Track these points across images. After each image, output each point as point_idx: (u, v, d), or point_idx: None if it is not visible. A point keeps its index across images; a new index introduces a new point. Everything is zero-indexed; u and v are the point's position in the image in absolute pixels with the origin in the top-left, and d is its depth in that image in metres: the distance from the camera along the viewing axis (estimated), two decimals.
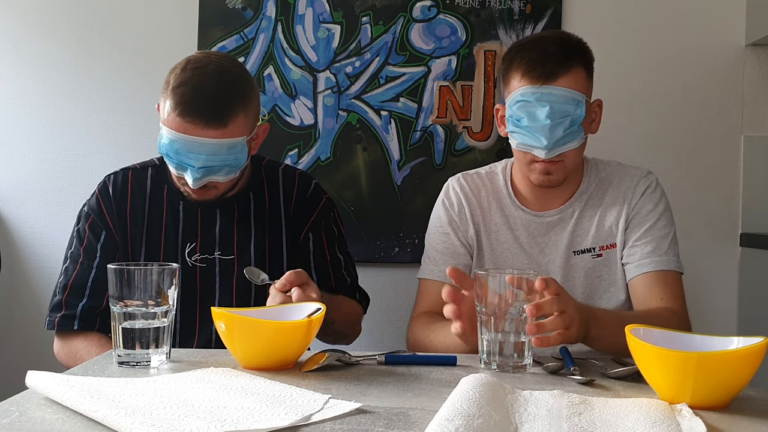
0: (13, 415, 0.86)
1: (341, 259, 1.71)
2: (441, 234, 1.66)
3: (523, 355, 1.18)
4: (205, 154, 1.45)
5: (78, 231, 1.62)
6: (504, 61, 1.60)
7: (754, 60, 2.34)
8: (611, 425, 0.85)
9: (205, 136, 1.45)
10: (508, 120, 1.55)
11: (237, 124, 1.48)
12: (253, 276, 1.43)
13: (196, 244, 1.60)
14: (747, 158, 2.34)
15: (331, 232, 1.71)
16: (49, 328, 1.58)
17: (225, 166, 1.49)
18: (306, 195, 1.69)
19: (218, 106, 1.46)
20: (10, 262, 2.31)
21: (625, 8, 2.34)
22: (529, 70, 1.50)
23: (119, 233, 1.60)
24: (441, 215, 1.67)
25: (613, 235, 1.60)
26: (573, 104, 1.49)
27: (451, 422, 0.76)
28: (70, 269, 1.60)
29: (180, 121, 1.45)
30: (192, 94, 1.45)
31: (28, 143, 2.33)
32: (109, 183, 1.63)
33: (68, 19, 2.33)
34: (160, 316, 1.12)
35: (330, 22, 2.31)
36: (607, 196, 1.62)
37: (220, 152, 1.46)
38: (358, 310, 1.72)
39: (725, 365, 0.94)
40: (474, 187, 1.68)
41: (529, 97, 1.49)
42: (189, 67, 1.49)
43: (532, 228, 1.62)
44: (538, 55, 1.51)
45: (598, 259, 1.59)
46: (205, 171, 1.47)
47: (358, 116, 2.32)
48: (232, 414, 0.84)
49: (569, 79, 1.50)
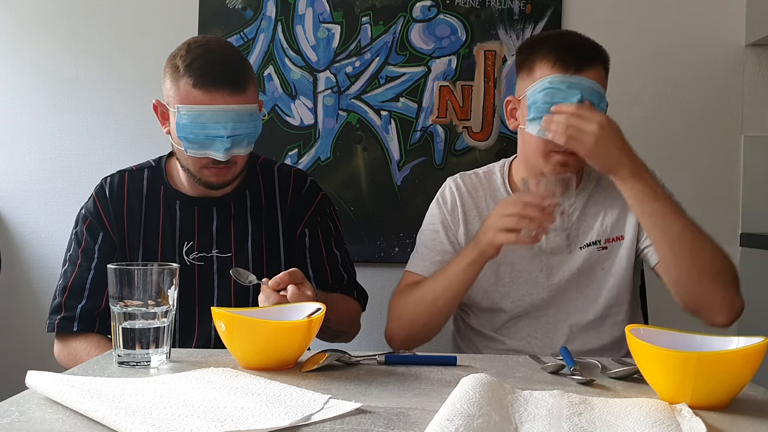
0: (13, 415, 0.86)
1: (338, 256, 1.71)
2: (431, 231, 1.68)
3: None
4: (232, 122, 1.48)
5: (76, 234, 1.63)
6: (522, 53, 1.62)
7: (754, 60, 2.34)
8: (611, 425, 0.85)
9: (231, 103, 1.49)
10: (530, 108, 1.54)
11: (252, 90, 1.54)
12: (240, 277, 1.42)
13: (194, 243, 1.61)
14: (747, 158, 2.34)
15: (327, 228, 1.71)
16: (49, 331, 1.58)
17: (246, 136, 1.52)
18: (302, 192, 1.70)
19: (236, 74, 1.51)
20: (10, 262, 2.31)
21: (625, 8, 2.34)
22: (561, 59, 1.53)
23: (116, 234, 1.60)
24: (434, 212, 1.70)
25: (620, 228, 1.63)
26: (598, 97, 1.52)
27: (451, 422, 0.76)
28: (69, 272, 1.60)
29: (202, 94, 1.48)
30: (210, 66, 1.49)
31: (28, 143, 2.33)
32: (105, 185, 1.64)
33: (68, 19, 2.33)
34: (160, 316, 1.12)
35: (330, 22, 2.31)
36: (610, 190, 1.64)
37: (243, 119, 1.50)
38: (356, 307, 1.72)
39: (725, 365, 0.94)
40: (471, 186, 1.69)
41: (559, 85, 1.51)
42: (193, 47, 1.53)
43: None
44: (568, 46, 1.55)
45: (603, 251, 1.62)
46: (233, 141, 1.50)
47: (358, 116, 2.32)
48: (232, 414, 0.84)
49: (595, 73, 1.54)
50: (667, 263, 1.50)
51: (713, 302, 1.48)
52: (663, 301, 2.28)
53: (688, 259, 1.46)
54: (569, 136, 1.45)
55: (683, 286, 1.49)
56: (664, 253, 1.49)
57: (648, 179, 1.48)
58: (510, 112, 1.65)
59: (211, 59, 1.50)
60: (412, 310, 1.57)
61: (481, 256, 1.49)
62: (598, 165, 1.49)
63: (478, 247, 1.49)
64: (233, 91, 1.49)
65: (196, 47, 1.52)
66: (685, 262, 1.47)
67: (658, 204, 1.47)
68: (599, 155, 1.46)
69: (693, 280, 1.47)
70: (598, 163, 1.48)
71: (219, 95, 1.48)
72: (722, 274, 1.48)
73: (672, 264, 1.49)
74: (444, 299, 1.54)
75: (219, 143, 1.49)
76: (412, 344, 1.61)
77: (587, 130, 1.44)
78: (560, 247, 1.49)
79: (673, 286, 1.52)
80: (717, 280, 1.47)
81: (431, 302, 1.55)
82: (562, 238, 1.47)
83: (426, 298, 1.55)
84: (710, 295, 1.48)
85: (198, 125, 1.48)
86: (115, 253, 1.59)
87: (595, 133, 1.44)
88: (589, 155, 1.46)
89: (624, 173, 1.47)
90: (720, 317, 1.49)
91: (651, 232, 1.49)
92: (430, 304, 1.55)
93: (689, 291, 1.49)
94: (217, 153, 1.49)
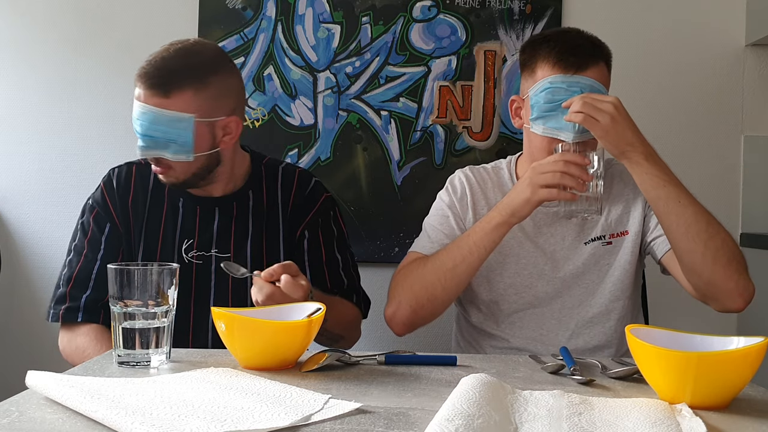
0: (13, 415, 0.86)
1: (338, 259, 1.68)
2: (440, 216, 1.68)
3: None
4: (148, 122, 1.49)
5: (82, 223, 1.63)
6: (524, 52, 1.63)
7: (754, 60, 2.34)
8: (611, 425, 0.85)
9: (149, 104, 1.49)
10: (532, 108, 1.56)
11: (183, 99, 1.50)
12: (231, 270, 1.40)
13: (194, 241, 1.60)
14: (747, 158, 2.34)
15: (329, 231, 1.69)
16: (53, 321, 1.57)
17: (170, 142, 1.50)
18: (305, 193, 1.68)
19: (163, 76, 1.50)
20: (10, 262, 2.31)
21: (625, 8, 2.34)
22: (561, 59, 1.54)
23: (122, 226, 1.60)
24: (443, 198, 1.71)
25: (623, 224, 1.64)
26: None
27: (451, 422, 0.76)
28: (74, 261, 1.59)
29: (137, 89, 1.52)
30: (148, 62, 1.52)
31: (28, 143, 2.33)
32: (113, 176, 1.64)
33: (68, 19, 2.33)
34: (160, 316, 1.12)
35: (330, 22, 2.31)
36: (613, 187, 1.67)
37: (160, 122, 1.49)
38: (355, 312, 1.68)
39: (725, 365, 0.94)
40: (480, 178, 1.71)
41: (560, 85, 1.52)
42: (162, 47, 1.55)
43: (537, 218, 1.65)
44: (568, 46, 1.56)
45: (607, 246, 1.63)
46: (150, 141, 1.50)
47: (358, 116, 2.32)
48: (232, 414, 0.84)
49: (596, 72, 1.54)
50: (682, 249, 1.47)
51: (728, 286, 1.46)
52: (663, 301, 2.29)
53: (703, 243, 1.44)
54: (585, 116, 1.45)
55: (698, 272, 1.47)
56: (679, 238, 1.47)
57: (661, 163, 1.48)
58: (515, 111, 1.67)
59: (158, 56, 1.53)
60: (428, 279, 1.54)
61: (513, 216, 1.49)
62: (612, 146, 1.47)
63: (510, 207, 1.49)
64: (152, 91, 1.49)
65: (162, 48, 1.55)
66: (700, 246, 1.44)
67: (671, 188, 1.46)
68: (614, 135, 1.45)
69: (708, 265, 1.45)
70: (612, 144, 1.46)
71: (143, 93, 1.51)
72: (735, 257, 1.46)
73: (686, 250, 1.47)
74: (466, 264, 1.52)
75: (139, 140, 1.51)
76: (416, 321, 1.58)
77: (603, 109, 1.45)
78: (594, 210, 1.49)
79: (687, 273, 1.50)
80: (731, 263, 1.45)
81: (450, 269, 1.52)
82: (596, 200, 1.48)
83: (444, 264, 1.53)
84: (724, 279, 1.45)
85: (132, 118, 1.52)
86: (121, 246, 1.59)
87: (610, 113, 1.44)
88: (604, 136, 1.45)
89: (637, 156, 1.46)
90: (735, 302, 1.47)
91: (665, 218, 1.47)
92: (448, 271, 1.52)
93: (703, 276, 1.47)
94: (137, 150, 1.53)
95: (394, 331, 1.60)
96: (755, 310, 2.23)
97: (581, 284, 1.63)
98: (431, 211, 1.72)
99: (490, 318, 1.66)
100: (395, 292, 1.59)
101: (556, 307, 1.63)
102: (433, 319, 1.60)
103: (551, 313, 1.63)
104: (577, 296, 1.63)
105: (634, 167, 1.47)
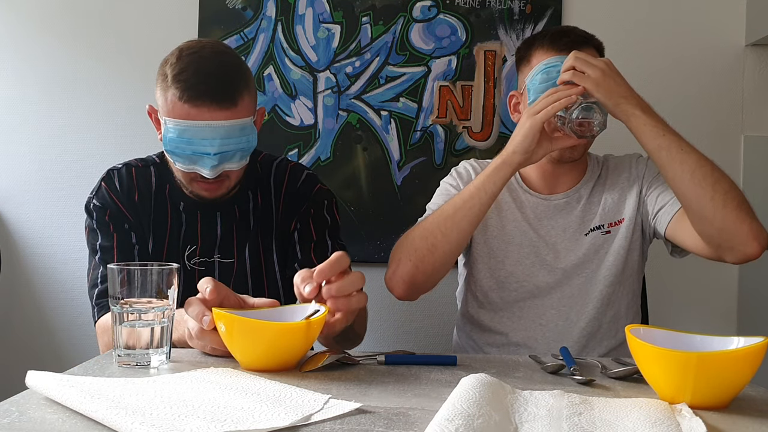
0: (13, 415, 0.85)
1: (329, 245, 1.60)
2: (445, 195, 1.70)
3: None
4: (220, 138, 1.40)
5: (97, 224, 1.56)
6: (520, 50, 1.69)
7: (754, 60, 2.34)
8: (611, 425, 0.85)
9: (218, 119, 1.40)
10: (529, 92, 1.59)
11: (245, 104, 1.45)
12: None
13: (197, 247, 1.58)
14: (747, 158, 2.34)
15: (321, 219, 1.62)
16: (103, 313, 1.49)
17: (238, 151, 1.45)
18: (296, 186, 1.63)
19: (226, 86, 1.42)
20: (10, 262, 2.31)
21: (625, 9, 2.34)
22: (554, 41, 1.59)
23: (134, 220, 1.56)
24: (448, 181, 1.74)
25: (620, 212, 1.66)
26: None
27: (451, 422, 0.76)
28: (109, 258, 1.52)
29: (189, 107, 1.40)
30: (197, 78, 1.40)
31: (28, 143, 2.33)
32: (114, 177, 1.59)
33: (68, 19, 2.33)
34: (160, 316, 1.12)
35: (330, 22, 2.31)
36: (609, 179, 1.70)
37: (233, 134, 1.42)
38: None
39: (725, 365, 0.94)
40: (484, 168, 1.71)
41: (554, 64, 1.55)
42: (184, 54, 1.44)
43: (539, 210, 1.68)
44: (561, 30, 1.64)
45: (606, 235, 1.66)
46: (221, 157, 1.43)
47: (358, 116, 2.32)
48: (232, 414, 0.84)
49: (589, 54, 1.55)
50: (690, 198, 1.44)
51: (741, 230, 1.42)
52: (663, 301, 2.29)
53: (710, 186, 1.42)
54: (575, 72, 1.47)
55: (710, 219, 1.43)
56: (686, 185, 1.43)
57: (655, 113, 1.48)
58: (513, 106, 1.70)
59: (200, 70, 1.41)
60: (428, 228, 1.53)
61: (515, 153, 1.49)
62: (605, 98, 1.46)
63: (511, 144, 1.50)
64: (222, 106, 1.40)
65: (188, 54, 1.44)
66: (708, 190, 1.41)
67: (671, 136, 1.45)
68: (606, 88, 1.46)
69: (719, 209, 1.41)
70: (605, 95, 1.46)
71: (206, 110, 1.40)
72: (744, 201, 1.44)
73: (695, 197, 1.43)
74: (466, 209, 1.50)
75: (206, 160, 1.42)
76: (417, 277, 1.53)
77: (594, 63, 1.47)
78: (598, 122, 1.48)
79: (697, 224, 1.46)
80: (742, 206, 1.43)
81: (450, 215, 1.51)
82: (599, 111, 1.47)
83: (445, 212, 1.53)
84: (737, 223, 1.42)
85: (184, 140, 1.41)
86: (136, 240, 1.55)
87: (601, 67, 1.46)
88: (595, 88, 1.45)
89: (632, 107, 1.46)
90: (750, 246, 1.43)
91: (668, 167, 1.44)
92: (448, 218, 1.51)
93: (716, 223, 1.43)
94: (203, 169, 1.43)
95: (394, 293, 1.56)
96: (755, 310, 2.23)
97: (581, 274, 1.65)
98: (434, 196, 1.74)
99: (490, 308, 1.67)
100: (395, 252, 1.57)
101: (555, 297, 1.64)
102: (434, 278, 1.55)
103: (551, 302, 1.64)
104: (577, 286, 1.65)
105: (631, 119, 1.46)
